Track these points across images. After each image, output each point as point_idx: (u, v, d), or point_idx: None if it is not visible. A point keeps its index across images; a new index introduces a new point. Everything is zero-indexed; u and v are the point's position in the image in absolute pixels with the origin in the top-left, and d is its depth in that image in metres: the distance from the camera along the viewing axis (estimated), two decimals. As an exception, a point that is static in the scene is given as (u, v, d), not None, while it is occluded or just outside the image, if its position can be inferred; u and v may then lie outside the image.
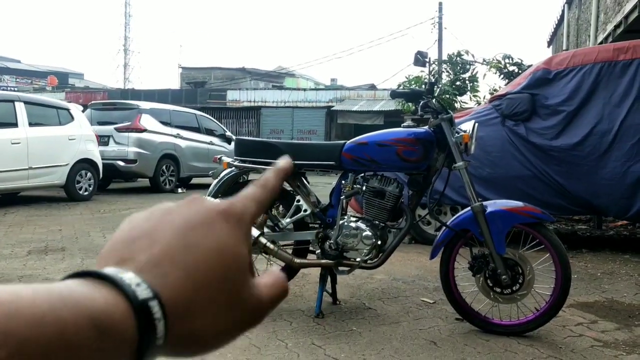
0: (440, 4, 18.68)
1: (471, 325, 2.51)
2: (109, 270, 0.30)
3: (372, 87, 22.43)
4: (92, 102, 10.50)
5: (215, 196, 2.85)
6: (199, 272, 0.31)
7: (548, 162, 4.26)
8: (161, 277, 0.30)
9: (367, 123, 18.39)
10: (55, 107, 7.50)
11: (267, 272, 0.36)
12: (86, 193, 7.66)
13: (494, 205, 2.47)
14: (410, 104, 2.83)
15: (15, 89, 25.18)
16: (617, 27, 7.74)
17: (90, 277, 0.29)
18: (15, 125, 6.67)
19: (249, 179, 3.04)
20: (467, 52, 12.05)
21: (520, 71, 9.63)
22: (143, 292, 0.29)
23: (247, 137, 3.06)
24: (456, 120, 2.69)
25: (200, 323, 0.31)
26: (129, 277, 0.29)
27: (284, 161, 0.40)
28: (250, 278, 0.33)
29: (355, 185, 2.66)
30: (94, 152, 7.83)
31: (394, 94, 2.80)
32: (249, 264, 0.33)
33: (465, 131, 2.52)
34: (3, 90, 17.25)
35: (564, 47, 13.75)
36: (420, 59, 2.72)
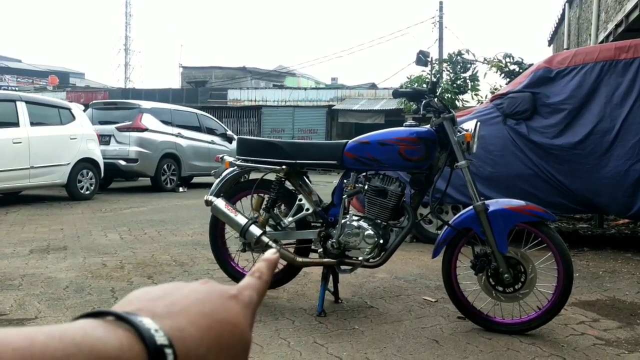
0: (441, 3, 18.67)
1: (473, 323, 2.51)
2: (129, 314, 0.30)
3: (373, 86, 22.43)
4: (94, 101, 10.50)
5: (217, 195, 2.85)
6: (212, 336, 0.33)
7: (549, 161, 4.26)
8: (178, 330, 0.31)
9: (367, 122, 18.39)
10: (57, 107, 7.50)
11: None
12: (87, 192, 7.67)
13: (496, 204, 2.47)
14: (411, 103, 2.83)
15: (16, 88, 25.19)
16: (618, 26, 7.73)
17: (107, 316, 0.30)
18: (16, 124, 6.68)
19: (250, 178, 3.04)
20: (467, 51, 12.04)
21: (521, 70, 9.63)
22: (160, 338, 0.30)
23: (249, 137, 3.06)
24: (458, 119, 2.69)
25: None
26: (147, 322, 0.30)
27: (271, 252, 0.42)
28: (248, 356, 0.36)
29: (357, 185, 2.66)
30: (96, 152, 7.83)
31: (397, 93, 2.80)
32: (250, 347, 0.36)
33: (467, 130, 2.52)
34: (4, 90, 17.25)
35: (565, 46, 13.73)
36: (423, 58, 2.72)
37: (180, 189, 9.50)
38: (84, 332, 0.28)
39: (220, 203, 2.77)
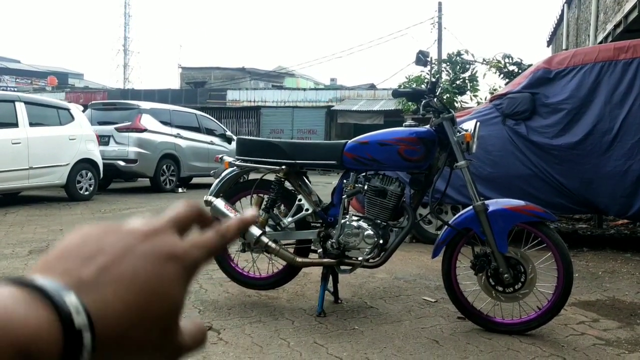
0: (440, 3, 18.69)
1: (473, 324, 2.51)
2: (52, 286, 0.29)
3: (372, 86, 22.44)
4: (93, 102, 10.50)
5: (217, 195, 2.85)
6: (139, 310, 0.31)
7: (549, 161, 4.26)
8: (101, 305, 0.30)
9: (367, 123, 18.39)
10: (56, 107, 7.50)
11: (191, 320, 0.36)
12: (87, 193, 7.66)
13: (495, 204, 2.47)
14: (410, 103, 2.82)
15: (15, 89, 25.17)
16: (616, 26, 7.74)
17: (31, 287, 0.28)
18: (15, 125, 6.67)
19: (249, 178, 3.04)
20: (466, 52, 12.06)
21: (520, 71, 9.64)
22: (81, 320, 0.28)
23: (248, 137, 3.06)
24: (457, 120, 2.69)
25: (121, 358, 0.31)
26: (71, 301, 0.29)
27: (251, 212, 0.40)
28: (179, 325, 0.34)
29: (356, 185, 2.66)
30: (95, 152, 7.83)
31: (396, 93, 2.80)
32: (181, 314, 0.34)
33: (467, 130, 2.52)
34: (3, 90, 17.24)
35: (564, 47, 13.75)
36: (422, 58, 2.72)
37: (180, 190, 9.49)
38: (2, 307, 0.27)
39: (220, 203, 2.77)
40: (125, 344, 0.30)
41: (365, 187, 2.62)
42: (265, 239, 2.69)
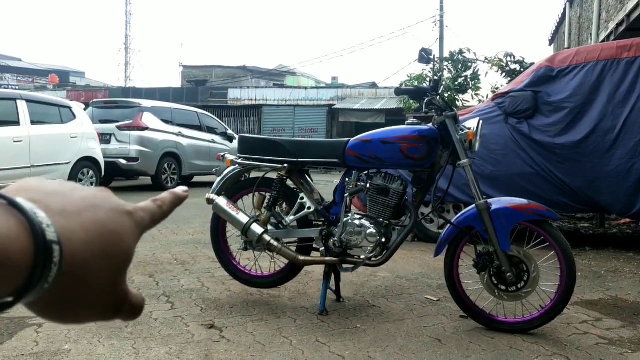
0: (442, 2, 18.67)
1: (476, 322, 2.50)
2: (23, 202, 0.30)
3: (374, 85, 22.43)
4: (94, 100, 10.50)
5: (219, 193, 2.85)
6: (99, 244, 0.33)
7: (551, 160, 4.25)
8: (68, 231, 0.31)
9: (368, 121, 18.38)
10: (57, 106, 7.50)
11: (135, 291, 0.38)
12: (88, 191, 7.66)
13: (498, 202, 2.46)
14: (413, 101, 2.82)
15: (17, 87, 25.18)
16: (619, 25, 7.72)
17: (1, 199, 0.30)
18: (17, 123, 6.67)
19: (251, 176, 3.04)
20: (468, 50, 12.03)
21: (522, 69, 9.61)
22: (51, 234, 0.30)
23: (250, 135, 3.06)
24: (460, 118, 2.68)
25: (80, 287, 0.32)
26: (42, 215, 0.30)
27: (181, 189, 0.43)
28: (126, 276, 0.36)
29: (359, 183, 2.65)
30: (96, 150, 7.83)
31: (399, 91, 2.79)
32: (130, 263, 0.36)
33: (469, 128, 2.51)
34: (4, 88, 17.24)
35: (566, 46, 13.72)
36: (425, 56, 2.71)
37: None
38: None
39: (222, 201, 2.77)
40: (86, 273, 0.32)
41: (368, 185, 2.62)
42: (267, 237, 2.68)
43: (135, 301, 0.38)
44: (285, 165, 2.76)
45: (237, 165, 2.92)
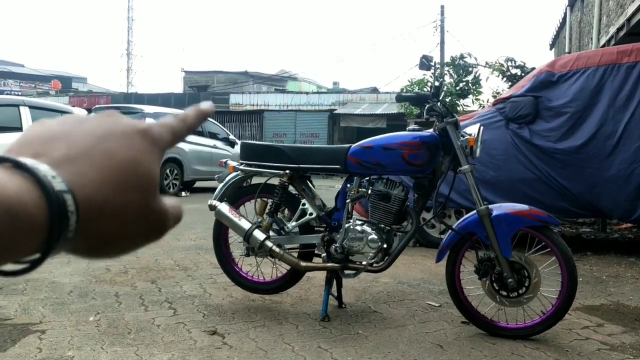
0: (442, 7, 18.73)
1: (477, 328, 2.51)
2: (24, 159, 0.30)
3: (375, 90, 22.45)
4: (96, 106, 10.56)
5: (221, 200, 2.86)
6: (115, 177, 0.32)
7: (552, 165, 4.26)
8: (78, 175, 0.31)
9: (369, 126, 18.39)
10: (60, 112, 7.51)
11: (170, 200, 0.37)
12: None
13: (499, 208, 2.47)
14: (414, 107, 2.83)
15: (19, 93, 25.24)
16: (619, 29, 7.74)
17: (3, 162, 0.30)
18: (20, 129, 6.69)
19: (253, 182, 3.05)
20: (469, 55, 12.06)
21: (523, 74, 9.63)
22: (58, 184, 0.30)
23: (252, 141, 3.07)
24: (461, 124, 2.69)
25: (110, 225, 0.32)
26: (44, 168, 0.30)
27: (207, 104, 0.41)
28: (158, 193, 0.35)
29: (360, 189, 2.66)
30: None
31: (400, 98, 2.80)
32: (158, 182, 0.35)
33: (470, 134, 2.52)
34: (7, 94, 17.31)
35: (567, 50, 13.74)
36: (426, 62, 2.73)
37: (183, 194, 9.51)
38: None
39: (224, 207, 2.78)
40: (109, 210, 0.31)
41: (369, 191, 2.63)
42: (269, 243, 2.69)
43: (176, 212, 0.37)
44: (287, 171, 2.77)
45: (239, 172, 2.93)
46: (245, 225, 2.73)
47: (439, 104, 2.60)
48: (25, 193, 0.28)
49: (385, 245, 2.58)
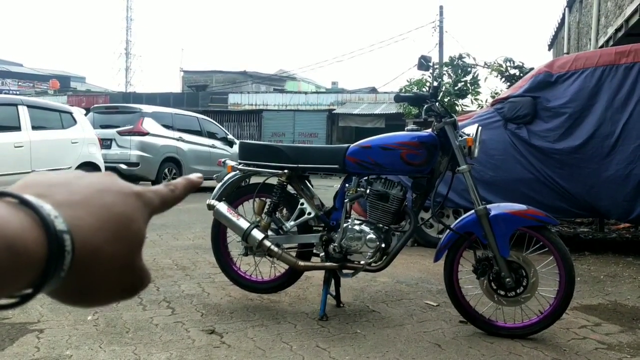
0: (441, 7, 18.75)
1: (475, 327, 2.52)
2: (30, 197, 0.31)
3: (373, 90, 22.46)
4: (95, 105, 10.54)
5: (219, 199, 2.86)
6: (110, 227, 0.34)
7: (550, 165, 4.27)
8: (77, 219, 0.32)
9: (368, 126, 18.41)
10: (58, 111, 7.52)
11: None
12: (89, 196, 7.67)
13: (497, 208, 2.48)
14: (412, 107, 2.84)
15: (17, 92, 25.22)
16: (618, 30, 7.75)
17: (7, 197, 0.31)
18: (18, 128, 6.69)
19: (251, 182, 3.05)
20: (468, 55, 12.08)
21: (521, 74, 9.65)
22: (60, 224, 0.31)
23: (251, 141, 3.08)
24: (459, 124, 2.70)
25: (97, 271, 0.33)
26: (48, 207, 0.31)
27: (196, 175, 0.43)
28: (141, 253, 0.37)
29: (359, 189, 2.67)
30: (97, 156, 7.84)
31: (398, 98, 2.81)
32: (144, 242, 0.37)
33: (468, 134, 2.53)
34: (5, 94, 17.28)
35: (565, 51, 13.76)
36: (424, 63, 2.73)
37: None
38: None
39: (223, 207, 2.78)
40: (100, 258, 0.33)
41: (368, 191, 2.63)
42: (267, 243, 2.70)
43: (147, 275, 0.38)
44: (286, 171, 2.77)
45: (237, 171, 2.94)
46: (244, 224, 2.73)
47: (437, 104, 2.60)
48: (27, 230, 0.29)
49: (383, 245, 2.58)
